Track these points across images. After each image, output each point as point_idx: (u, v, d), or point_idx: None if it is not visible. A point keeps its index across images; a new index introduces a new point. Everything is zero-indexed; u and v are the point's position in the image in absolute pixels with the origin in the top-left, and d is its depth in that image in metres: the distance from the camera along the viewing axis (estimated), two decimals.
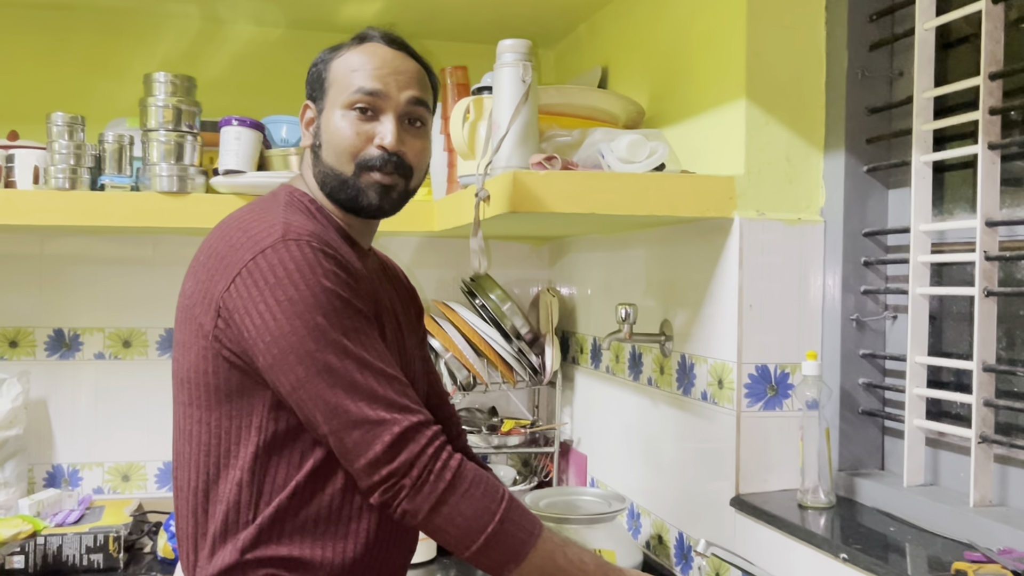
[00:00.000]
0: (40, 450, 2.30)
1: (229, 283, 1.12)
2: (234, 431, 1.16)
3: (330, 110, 1.26)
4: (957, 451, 1.39)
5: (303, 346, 1.08)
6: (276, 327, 1.09)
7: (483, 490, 1.12)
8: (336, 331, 1.10)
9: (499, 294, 2.33)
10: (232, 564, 1.15)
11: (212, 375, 1.15)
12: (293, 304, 1.09)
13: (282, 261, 1.10)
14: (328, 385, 1.08)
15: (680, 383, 1.77)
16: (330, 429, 1.09)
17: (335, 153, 1.25)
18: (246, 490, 1.15)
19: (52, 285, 2.31)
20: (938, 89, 1.39)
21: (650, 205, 1.54)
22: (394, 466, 1.08)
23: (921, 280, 1.41)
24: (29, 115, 2.20)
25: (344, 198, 1.27)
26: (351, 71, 1.25)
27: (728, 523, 1.59)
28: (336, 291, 1.11)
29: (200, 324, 1.15)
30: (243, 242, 1.14)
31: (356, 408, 1.08)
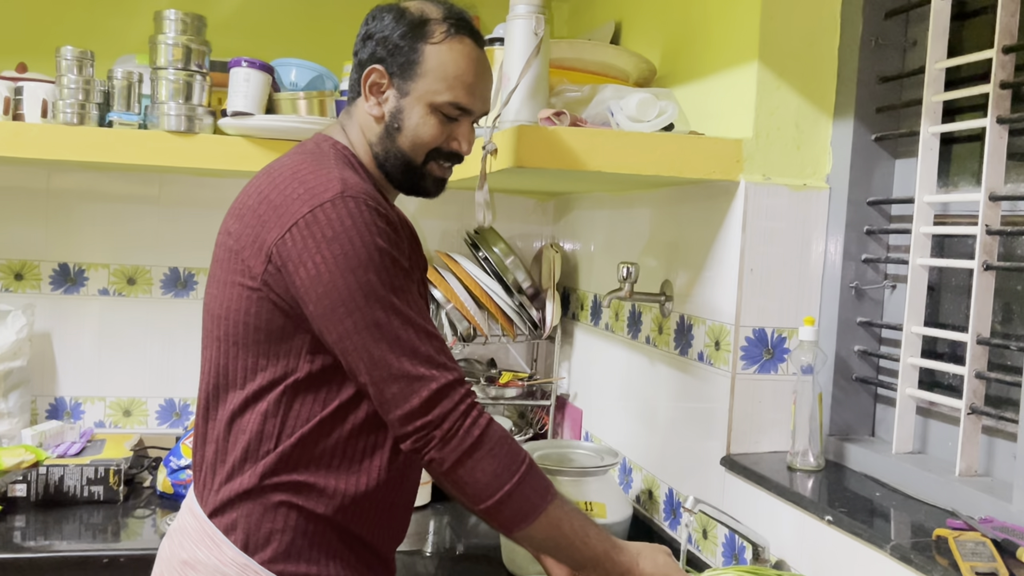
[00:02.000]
0: (43, 382, 2.33)
1: (284, 232, 1.16)
2: (269, 369, 1.21)
3: (417, 102, 1.27)
4: (947, 421, 1.41)
5: (353, 300, 1.13)
6: (329, 280, 1.13)
7: (507, 450, 1.18)
8: (385, 288, 1.15)
9: (502, 248, 2.34)
10: (251, 488, 1.21)
11: (254, 316, 1.20)
12: (348, 259, 1.13)
13: (340, 217, 1.14)
14: (374, 339, 1.14)
15: (678, 343, 1.78)
16: (371, 380, 1.15)
17: (412, 144, 1.29)
18: (270, 422, 1.21)
19: (58, 219, 2.32)
20: (950, 60, 1.38)
21: (656, 165, 1.54)
22: (428, 419, 1.14)
23: (922, 251, 1.42)
24: (38, 47, 2.20)
25: (403, 180, 1.32)
26: (450, 76, 1.26)
27: (717, 482, 1.62)
28: (388, 250, 1.16)
29: (248, 267, 1.19)
30: (300, 194, 1.17)
31: (398, 362, 1.14)
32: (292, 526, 1.22)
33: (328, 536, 1.24)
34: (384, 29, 1.28)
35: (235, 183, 2.39)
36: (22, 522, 1.90)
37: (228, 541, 1.22)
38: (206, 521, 1.24)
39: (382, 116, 1.29)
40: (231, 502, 1.22)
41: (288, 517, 1.22)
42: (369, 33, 1.30)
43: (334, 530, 1.24)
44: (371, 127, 1.31)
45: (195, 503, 1.28)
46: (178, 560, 1.26)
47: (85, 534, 1.87)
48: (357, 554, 1.27)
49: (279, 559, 1.21)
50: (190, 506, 1.30)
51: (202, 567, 1.23)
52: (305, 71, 2.13)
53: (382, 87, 1.29)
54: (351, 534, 1.25)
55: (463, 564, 1.80)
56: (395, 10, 1.29)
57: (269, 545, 1.21)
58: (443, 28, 1.27)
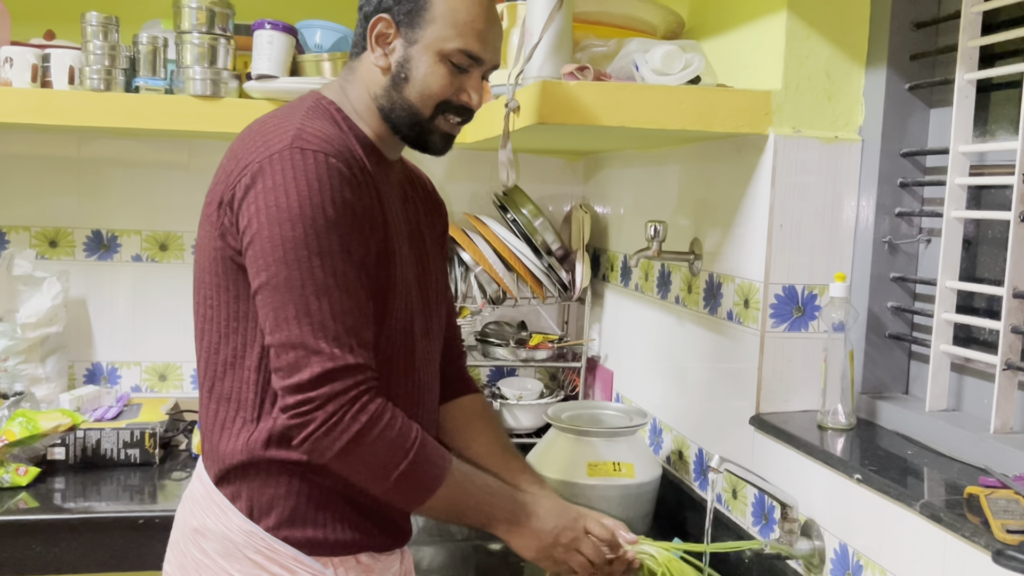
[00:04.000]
0: (80, 348, 2.37)
1: (235, 182, 1.15)
2: (241, 331, 1.18)
3: (425, 50, 1.22)
4: (982, 377, 1.38)
5: (274, 254, 1.09)
6: (257, 231, 1.10)
7: (394, 433, 1.14)
8: (310, 250, 1.09)
9: (531, 209, 2.32)
10: (247, 458, 1.20)
11: (221, 275, 1.18)
12: (279, 211, 1.09)
13: (283, 168, 1.11)
14: (283, 300, 1.09)
15: (707, 302, 1.76)
16: (272, 341, 1.11)
17: (420, 95, 1.24)
18: (251, 388, 1.19)
19: (90, 187, 2.35)
20: (987, 3, 1.33)
21: (682, 119, 1.50)
22: (312, 394, 1.09)
23: (957, 203, 1.37)
24: (64, 14, 2.20)
25: (410, 134, 1.27)
26: (460, 22, 1.21)
27: (747, 441, 1.59)
28: (326, 209, 1.10)
29: (212, 223, 1.18)
30: (257, 145, 1.15)
31: (299, 330, 1.09)
32: (295, 491, 1.20)
33: (333, 500, 1.21)
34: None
35: None
36: (61, 484, 1.94)
37: (234, 508, 1.21)
38: (213, 488, 1.23)
39: (388, 67, 1.25)
40: (234, 470, 1.21)
41: (291, 483, 1.20)
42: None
43: (338, 494, 1.21)
44: (377, 79, 1.26)
45: (203, 469, 1.28)
46: (189, 528, 1.26)
47: (122, 496, 1.90)
48: (366, 516, 1.24)
49: (283, 525, 1.20)
50: (199, 473, 1.30)
51: (211, 534, 1.22)
52: (329, 32, 2.11)
53: (388, 37, 1.24)
54: (357, 501, 1.22)
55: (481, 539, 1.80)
56: None
57: (273, 511, 1.20)
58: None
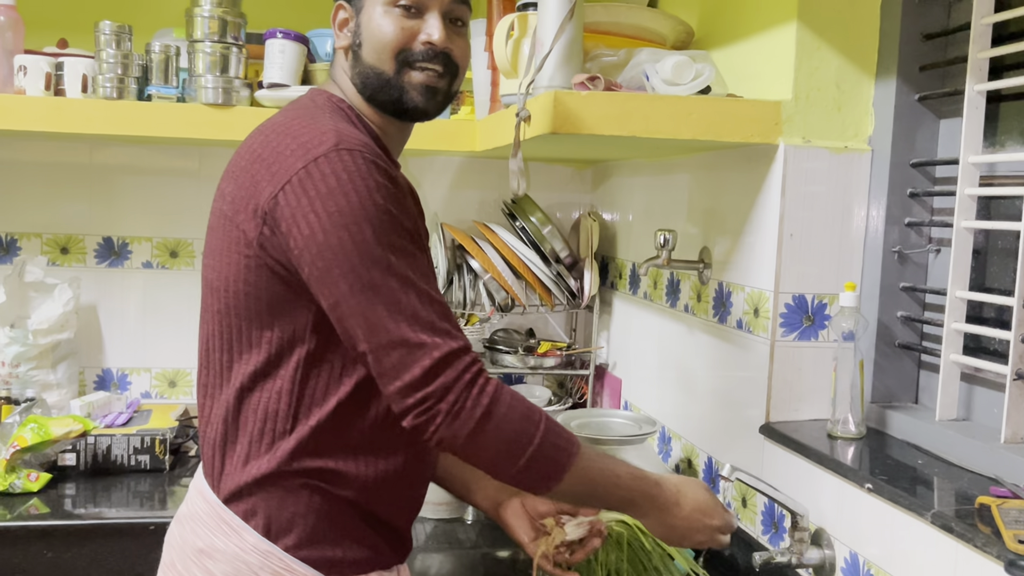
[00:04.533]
0: (90, 354, 2.38)
1: (277, 190, 1.09)
2: (275, 341, 1.14)
3: (371, 7, 1.21)
4: (992, 387, 1.38)
5: (348, 260, 1.06)
6: (323, 238, 1.06)
7: (520, 413, 1.12)
8: (383, 247, 1.07)
9: (540, 217, 2.32)
10: (270, 472, 1.16)
11: (254, 285, 1.13)
12: (343, 216, 1.06)
13: (334, 171, 1.07)
14: (370, 302, 1.06)
15: (716, 311, 1.76)
16: (369, 347, 1.07)
17: (376, 51, 1.21)
18: (285, 399, 1.15)
19: (102, 194, 2.36)
20: (998, 15, 1.33)
21: (693, 129, 1.51)
22: (430, 389, 1.06)
23: (967, 213, 1.38)
24: (78, 23, 2.22)
25: (386, 99, 1.23)
26: None
27: (757, 450, 1.60)
28: (386, 206, 1.08)
29: (243, 232, 1.13)
30: (293, 149, 1.10)
31: (396, 328, 1.06)
32: (315, 509, 1.17)
33: (351, 517, 1.19)
34: None
35: None
36: (72, 490, 1.94)
37: (248, 527, 1.17)
38: (221, 507, 1.18)
39: (348, 45, 1.24)
40: (249, 487, 1.16)
41: (311, 500, 1.17)
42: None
43: (356, 511, 1.20)
44: (345, 63, 1.24)
45: (206, 487, 1.22)
46: (192, 548, 1.20)
47: (132, 502, 1.91)
48: (378, 532, 1.23)
49: (303, 544, 1.17)
50: (200, 490, 1.23)
51: (220, 555, 1.17)
52: None
53: (348, 21, 1.24)
54: (373, 514, 1.21)
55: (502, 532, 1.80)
56: None
57: (292, 530, 1.16)
58: None
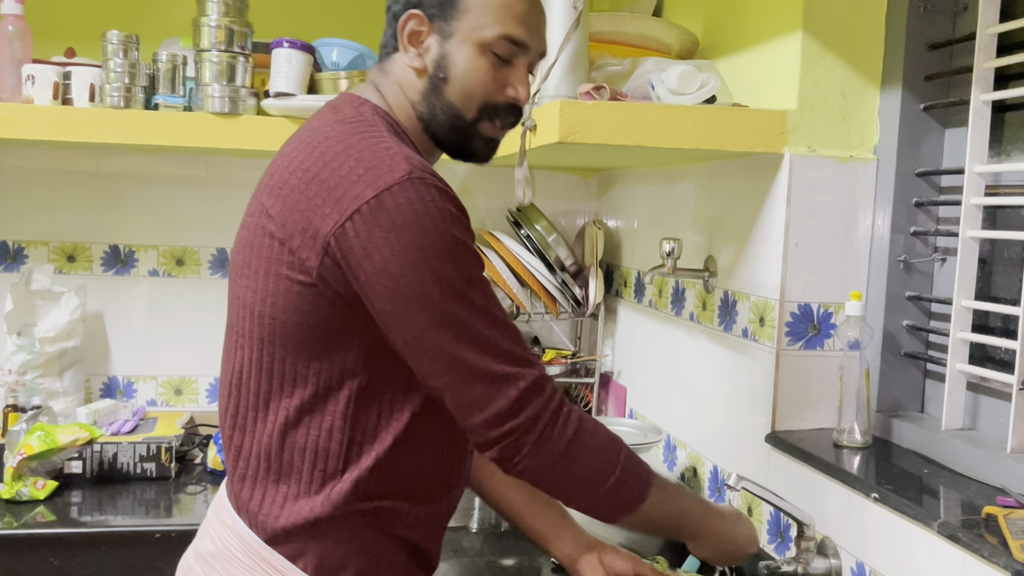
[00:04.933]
0: (96, 362, 2.39)
1: (344, 219, 1.01)
2: (324, 374, 1.08)
3: (463, 43, 1.13)
4: (998, 396, 1.38)
5: (428, 295, 1.01)
6: (400, 273, 1.01)
7: (603, 442, 1.10)
8: (462, 280, 1.03)
9: (545, 225, 2.33)
10: (323, 516, 1.09)
11: (307, 314, 1.06)
12: (421, 249, 1.01)
13: (409, 201, 1.01)
14: (453, 336, 1.02)
15: (722, 319, 1.76)
16: (450, 381, 1.04)
17: (464, 95, 1.14)
18: (336, 436, 1.09)
19: (108, 202, 2.37)
20: (1003, 25, 1.34)
21: (698, 138, 1.52)
22: (519, 421, 1.04)
23: (972, 222, 1.38)
24: (85, 32, 2.23)
25: (451, 140, 1.18)
26: (498, 6, 1.12)
27: (763, 459, 1.60)
28: (462, 238, 1.04)
29: (299, 259, 1.05)
30: (360, 174, 1.02)
31: (480, 361, 1.03)
32: (367, 549, 1.11)
33: (398, 552, 1.15)
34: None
35: None
36: (78, 498, 1.95)
37: (296, 569, 1.10)
38: (263, 547, 1.11)
39: (424, 68, 1.15)
40: (299, 529, 1.09)
41: (363, 540, 1.11)
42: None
43: (404, 546, 1.15)
44: (413, 83, 1.16)
45: (241, 525, 1.13)
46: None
47: (138, 510, 1.91)
48: (419, 563, 1.19)
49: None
50: (231, 527, 1.15)
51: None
52: (346, 51, 2.13)
53: (421, 35, 1.14)
54: (418, 547, 1.17)
55: (507, 540, 1.81)
56: None
57: (342, 571, 1.10)
58: None
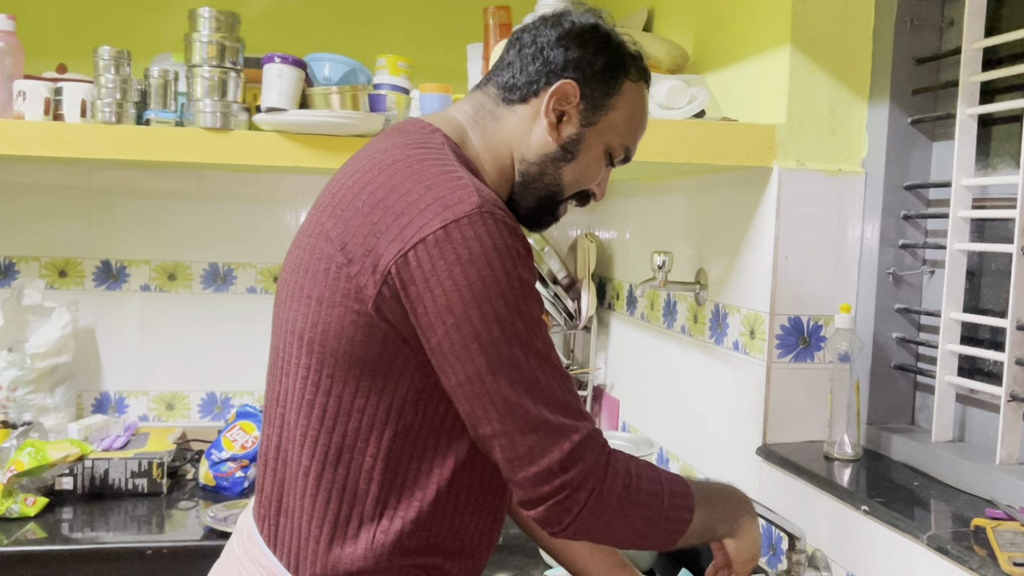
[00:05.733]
0: (88, 377, 2.38)
1: (407, 249, 0.97)
2: (369, 410, 1.03)
3: (598, 137, 1.14)
4: (987, 408, 1.39)
5: (490, 335, 0.96)
6: (463, 311, 0.96)
7: (648, 482, 1.04)
8: (524, 323, 0.98)
9: (537, 238, 2.33)
10: (366, 569, 1.04)
11: (360, 345, 1.01)
12: (486, 287, 0.96)
13: (478, 236, 0.96)
14: (511, 381, 0.97)
15: (713, 332, 1.77)
16: (503, 429, 0.98)
17: (576, 181, 1.15)
18: (376, 480, 1.03)
19: (100, 217, 2.37)
20: (988, 40, 1.35)
21: (688, 153, 1.53)
22: (570, 476, 0.98)
23: (960, 235, 1.39)
24: (76, 48, 2.23)
25: (532, 205, 1.16)
26: (634, 120, 1.16)
27: (754, 471, 1.60)
28: (527, 278, 1.00)
29: (358, 286, 0.99)
30: (428, 203, 0.98)
31: (536, 410, 0.97)
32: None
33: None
34: (588, 45, 1.12)
35: (271, 177, 2.42)
36: (69, 514, 1.94)
37: None
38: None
39: (557, 138, 1.12)
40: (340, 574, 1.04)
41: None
42: (569, 42, 1.12)
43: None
44: (529, 143, 1.13)
45: (277, 566, 1.09)
46: None
47: (130, 526, 1.91)
48: None
49: None
50: (270, 570, 1.09)
51: None
52: (338, 65, 2.14)
53: (568, 108, 1.12)
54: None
55: (499, 555, 1.81)
56: (600, 32, 1.14)
57: None
58: (637, 67, 1.15)
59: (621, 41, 1.15)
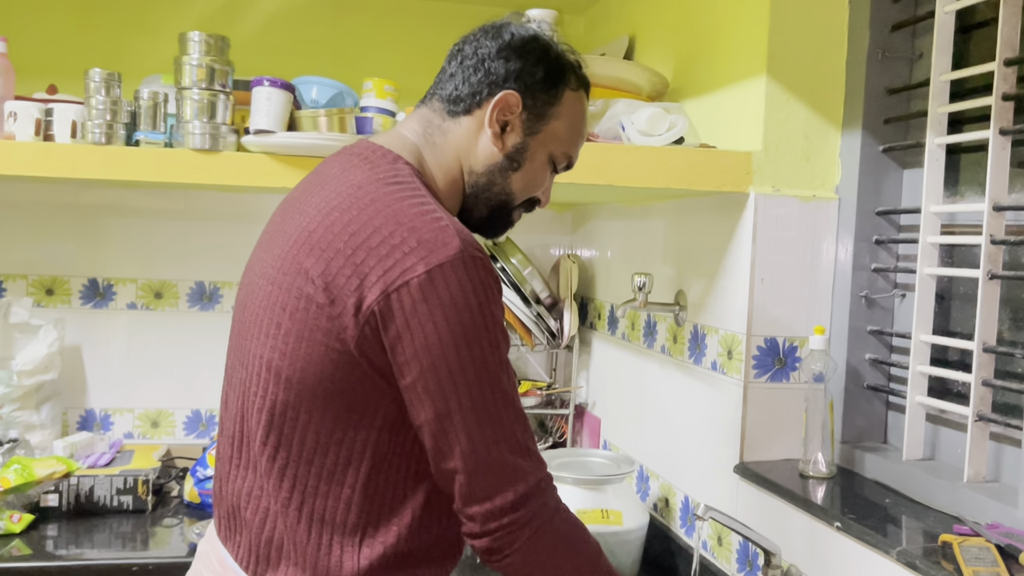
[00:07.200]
0: (74, 395, 2.39)
1: (390, 290, 0.99)
2: (347, 443, 1.05)
3: (542, 146, 1.18)
4: (956, 428, 1.43)
5: (464, 376, 1.00)
6: (440, 351, 0.99)
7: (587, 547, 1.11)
8: (495, 364, 1.02)
9: (520, 258, 2.37)
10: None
11: (339, 381, 1.03)
12: (464, 330, 0.99)
13: (459, 280, 0.99)
14: (477, 421, 1.01)
15: (692, 352, 1.81)
16: (463, 467, 1.02)
17: (524, 188, 1.19)
18: (355, 510, 1.06)
19: (87, 235, 2.39)
20: (954, 73, 1.40)
21: (667, 178, 1.57)
22: (518, 515, 1.03)
23: (929, 260, 1.44)
24: (67, 70, 2.26)
25: (485, 215, 1.20)
26: (575, 128, 1.20)
27: (731, 489, 1.64)
28: (499, 317, 1.03)
29: (340, 327, 1.01)
30: (412, 246, 1.00)
31: (497, 451, 1.02)
32: None
33: None
34: (528, 56, 1.15)
35: (257, 198, 2.44)
36: (54, 531, 1.95)
37: None
38: None
39: (501, 148, 1.16)
40: None
41: None
42: (509, 53, 1.15)
43: None
44: (475, 155, 1.16)
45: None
46: None
47: (115, 543, 1.92)
48: None
49: None
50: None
51: None
52: (325, 88, 2.17)
53: (511, 119, 1.15)
54: None
55: (483, 572, 1.83)
56: (540, 42, 1.16)
57: None
58: (576, 76, 1.19)
59: (560, 52, 1.18)
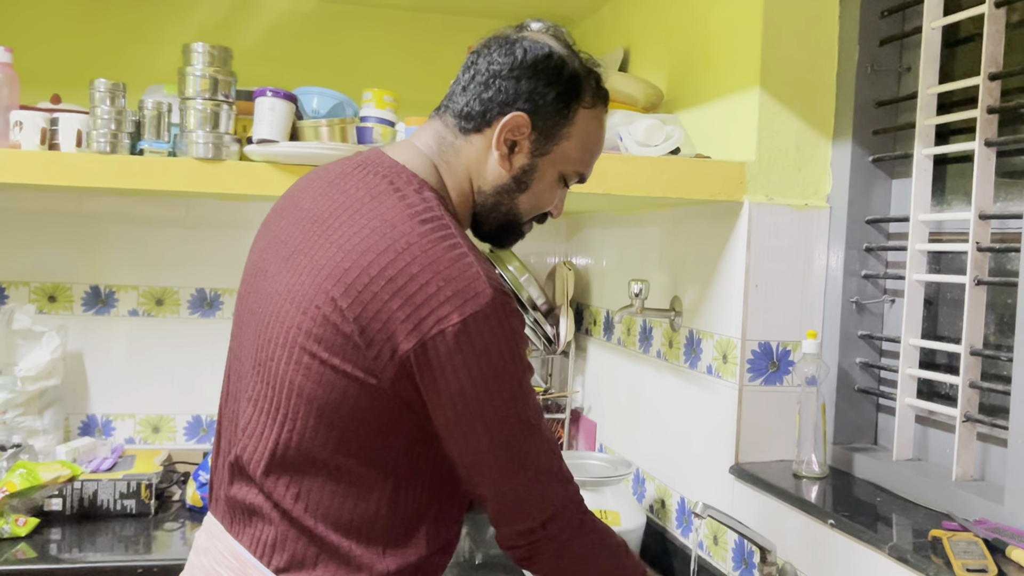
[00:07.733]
0: (76, 400, 2.41)
1: (426, 338, 1.01)
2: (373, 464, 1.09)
3: (552, 166, 1.17)
4: (944, 429, 1.48)
5: (495, 416, 1.05)
6: (474, 396, 1.03)
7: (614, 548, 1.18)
8: (521, 403, 1.07)
9: (517, 265, 2.41)
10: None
11: (368, 410, 1.06)
12: (496, 375, 1.03)
13: (491, 328, 1.02)
14: (507, 456, 1.07)
15: (687, 357, 1.85)
16: (493, 494, 1.09)
17: (533, 208, 1.20)
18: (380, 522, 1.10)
19: (89, 243, 2.41)
20: (941, 86, 1.45)
21: (664, 187, 1.61)
22: (548, 532, 1.11)
23: (918, 267, 1.48)
24: (71, 80, 2.29)
25: (495, 230, 1.21)
26: (589, 147, 1.18)
27: (727, 489, 1.68)
28: (527, 360, 1.08)
29: (377, 367, 1.03)
30: (447, 295, 1.01)
31: (525, 479, 1.08)
32: None
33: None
34: (540, 77, 1.12)
35: (257, 206, 2.47)
36: (58, 535, 1.97)
37: None
38: None
39: (509, 169, 1.15)
40: None
41: None
42: (520, 72, 1.12)
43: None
44: (484, 175, 1.16)
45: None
46: None
47: (118, 546, 1.94)
48: None
49: None
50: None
51: None
52: (327, 99, 2.21)
53: (520, 140, 1.14)
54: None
55: (482, 571, 1.86)
56: (553, 61, 1.13)
57: None
58: (592, 91, 1.16)
59: (575, 69, 1.14)
